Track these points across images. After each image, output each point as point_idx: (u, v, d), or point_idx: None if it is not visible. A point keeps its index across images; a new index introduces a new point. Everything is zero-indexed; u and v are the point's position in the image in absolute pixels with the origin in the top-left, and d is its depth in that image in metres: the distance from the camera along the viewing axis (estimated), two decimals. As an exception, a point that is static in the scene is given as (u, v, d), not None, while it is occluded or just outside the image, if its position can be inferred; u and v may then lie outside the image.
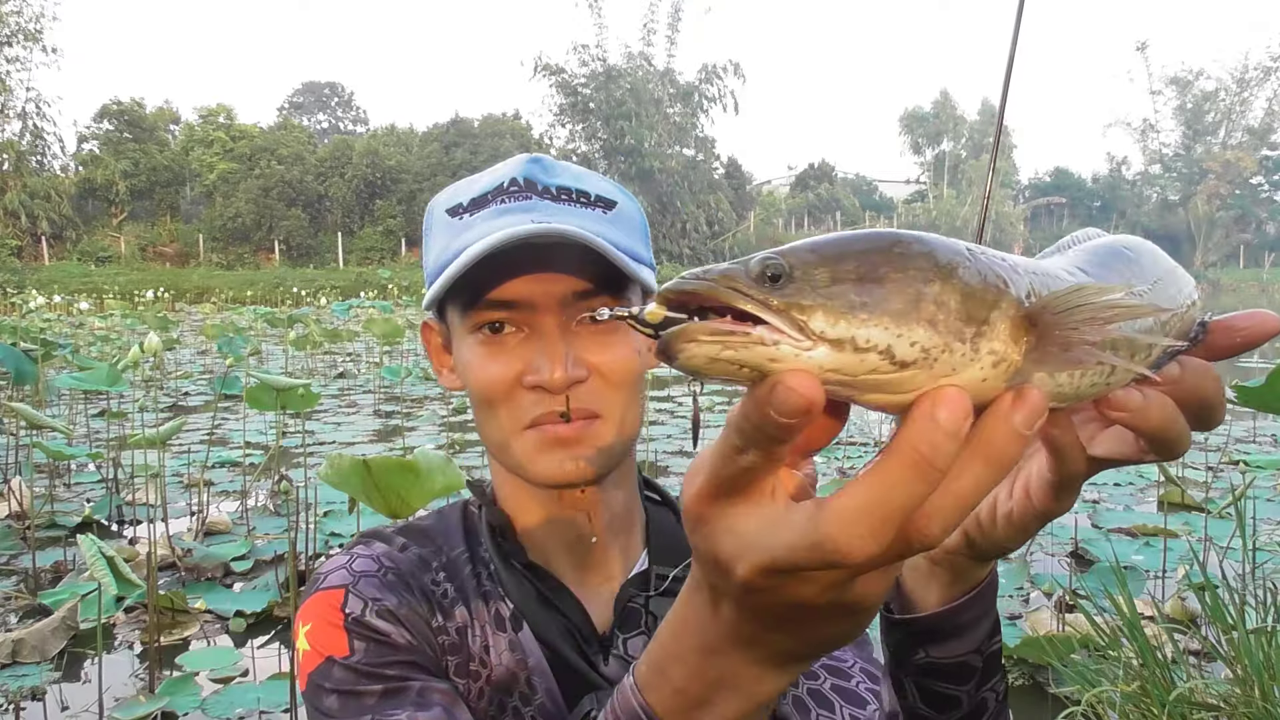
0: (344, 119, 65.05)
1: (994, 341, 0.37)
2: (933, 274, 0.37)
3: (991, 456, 0.37)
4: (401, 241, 42.39)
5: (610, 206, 0.91)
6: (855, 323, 0.36)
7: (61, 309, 22.24)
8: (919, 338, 0.36)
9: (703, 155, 49.72)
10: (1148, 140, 64.78)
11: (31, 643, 3.31)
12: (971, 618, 0.71)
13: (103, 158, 39.74)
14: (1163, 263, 0.53)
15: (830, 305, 0.36)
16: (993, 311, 0.37)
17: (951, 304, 0.37)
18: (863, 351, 0.36)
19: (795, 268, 0.37)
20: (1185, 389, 0.47)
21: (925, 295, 0.36)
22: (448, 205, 0.92)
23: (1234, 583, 2.70)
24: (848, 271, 0.37)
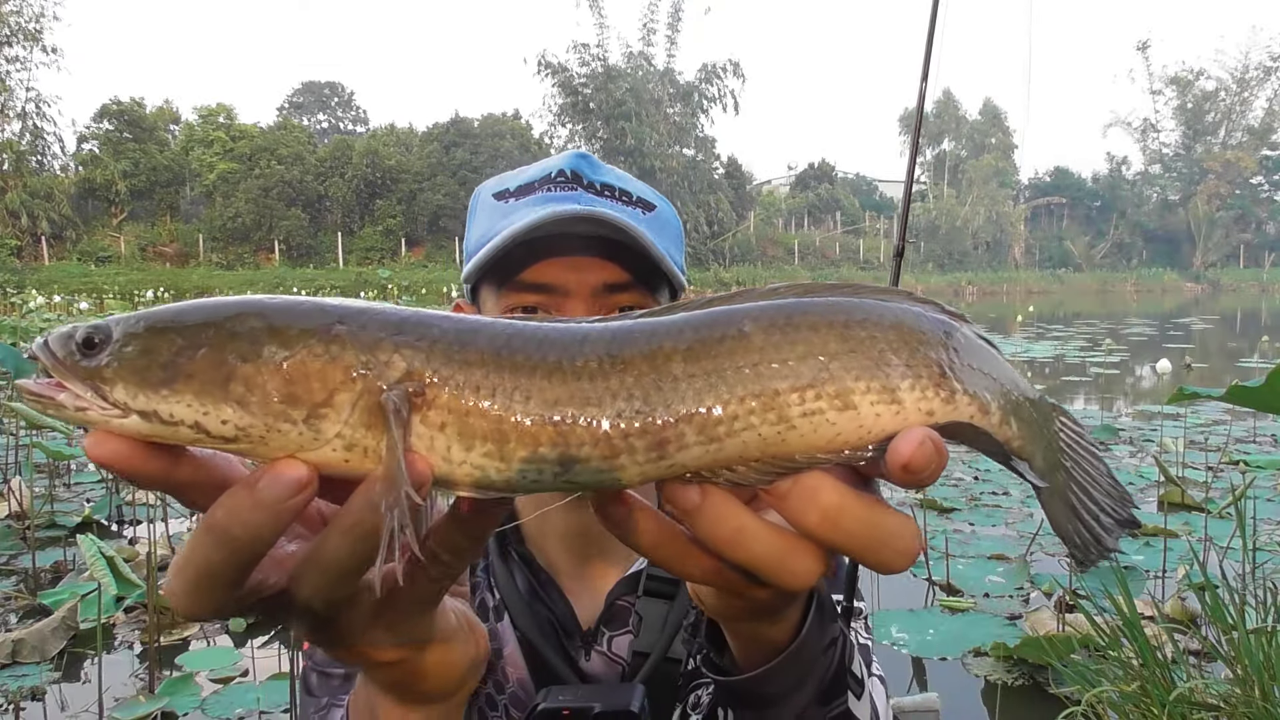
0: (344, 119, 65.04)
1: (340, 425, 0.36)
2: (250, 353, 0.36)
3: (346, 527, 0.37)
4: (401, 241, 42.38)
5: (650, 209, 0.94)
6: (157, 398, 0.36)
7: (61, 309, 22.23)
8: (229, 417, 0.36)
9: (703, 155, 49.69)
10: (1148, 140, 64.78)
11: (31, 643, 3.31)
12: (778, 688, 0.61)
13: (103, 158, 39.72)
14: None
15: (130, 379, 0.36)
16: (336, 395, 0.36)
17: (268, 386, 0.36)
18: (172, 425, 0.36)
19: (112, 339, 0.37)
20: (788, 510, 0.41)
21: (235, 375, 0.36)
22: (494, 190, 0.94)
23: (1234, 583, 2.70)
24: (163, 345, 0.36)
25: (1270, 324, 23.47)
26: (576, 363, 0.38)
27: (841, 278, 23.42)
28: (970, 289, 49.27)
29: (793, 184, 59.86)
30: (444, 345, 0.38)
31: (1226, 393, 2.36)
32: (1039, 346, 16.10)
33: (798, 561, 0.42)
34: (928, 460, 0.39)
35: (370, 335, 0.37)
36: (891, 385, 0.40)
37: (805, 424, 0.39)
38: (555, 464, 0.38)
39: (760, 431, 0.39)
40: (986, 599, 3.85)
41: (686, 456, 0.39)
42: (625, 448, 0.38)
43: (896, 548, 0.43)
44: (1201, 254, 59.74)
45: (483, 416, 0.37)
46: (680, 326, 0.40)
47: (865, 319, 0.41)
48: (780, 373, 0.39)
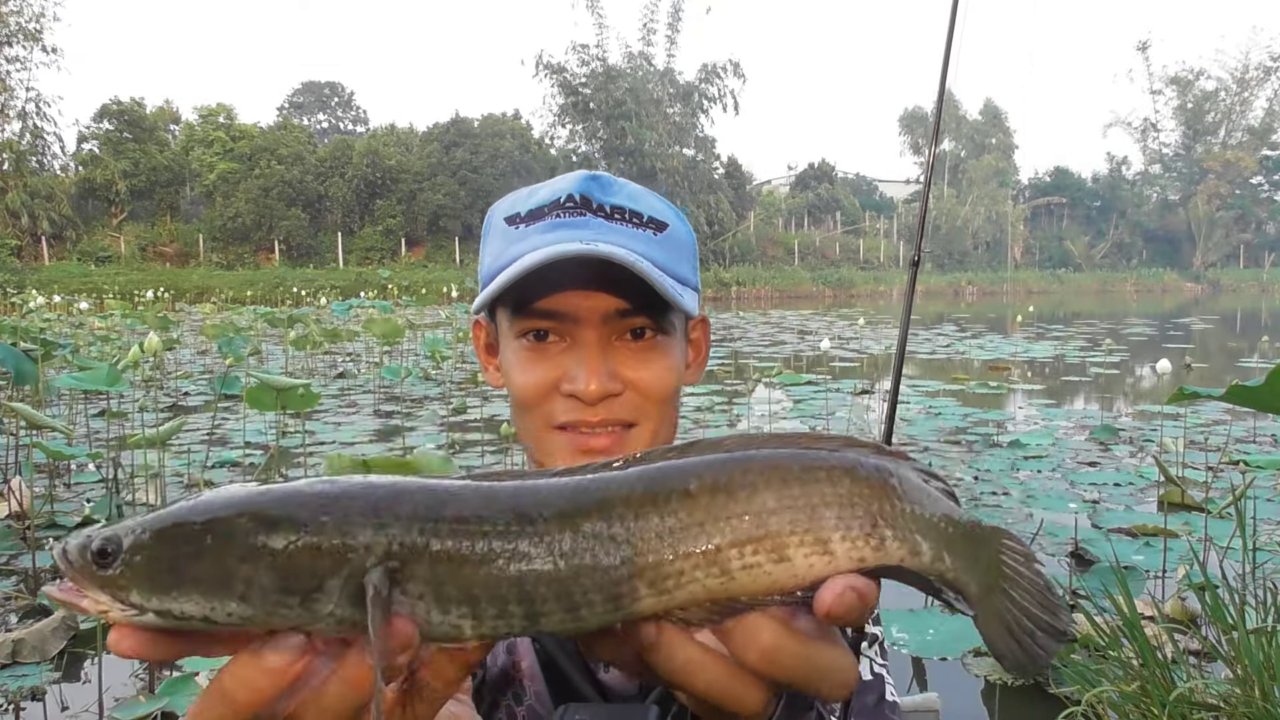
0: (344, 119, 65.03)
1: (331, 606, 0.41)
2: (244, 553, 0.40)
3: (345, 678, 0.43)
4: (401, 241, 42.38)
5: (661, 228, 0.93)
6: (168, 599, 0.40)
7: (61, 309, 22.22)
8: (233, 610, 0.40)
9: (703, 155, 49.69)
10: (1148, 140, 64.78)
11: (31, 643, 3.31)
12: None
13: (103, 158, 39.72)
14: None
15: (143, 585, 0.41)
16: (326, 581, 0.40)
17: (264, 580, 0.40)
18: (184, 620, 0.41)
19: (123, 550, 0.41)
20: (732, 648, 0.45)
21: (233, 574, 0.40)
22: (507, 214, 0.95)
23: (1234, 583, 2.70)
24: (165, 552, 0.41)
25: (1270, 324, 23.47)
26: (534, 526, 0.42)
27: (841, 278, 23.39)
28: (970, 289, 49.27)
29: (793, 184, 59.85)
30: (417, 523, 0.42)
31: (1226, 393, 2.36)
32: (1039, 346, 16.10)
33: (743, 692, 0.46)
34: (848, 608, 0.43)
35: (351, 522, 0.41)
36: (824, 537, 0.44)
37: (744, 575, 0.44)
38: (523, 619, 0.42)
39: (705, 584, 0.44)
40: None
41: (640, 606, 0.43)
42: (584, 602, 0.43)
43: (833, 680, 0.47)
44: (1201, 254, 59.74)
45: (454, 584, 0.41)
46: (632, 484, 0.44)
47: (801, 475, 0.45)
48: (722, 530, 0.43)
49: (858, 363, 13.78)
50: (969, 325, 22.23)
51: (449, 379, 11.40)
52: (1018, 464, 6.36)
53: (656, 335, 0.89)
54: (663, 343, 0.90)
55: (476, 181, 42.64)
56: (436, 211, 42.49)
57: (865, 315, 22.81)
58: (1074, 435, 7.62)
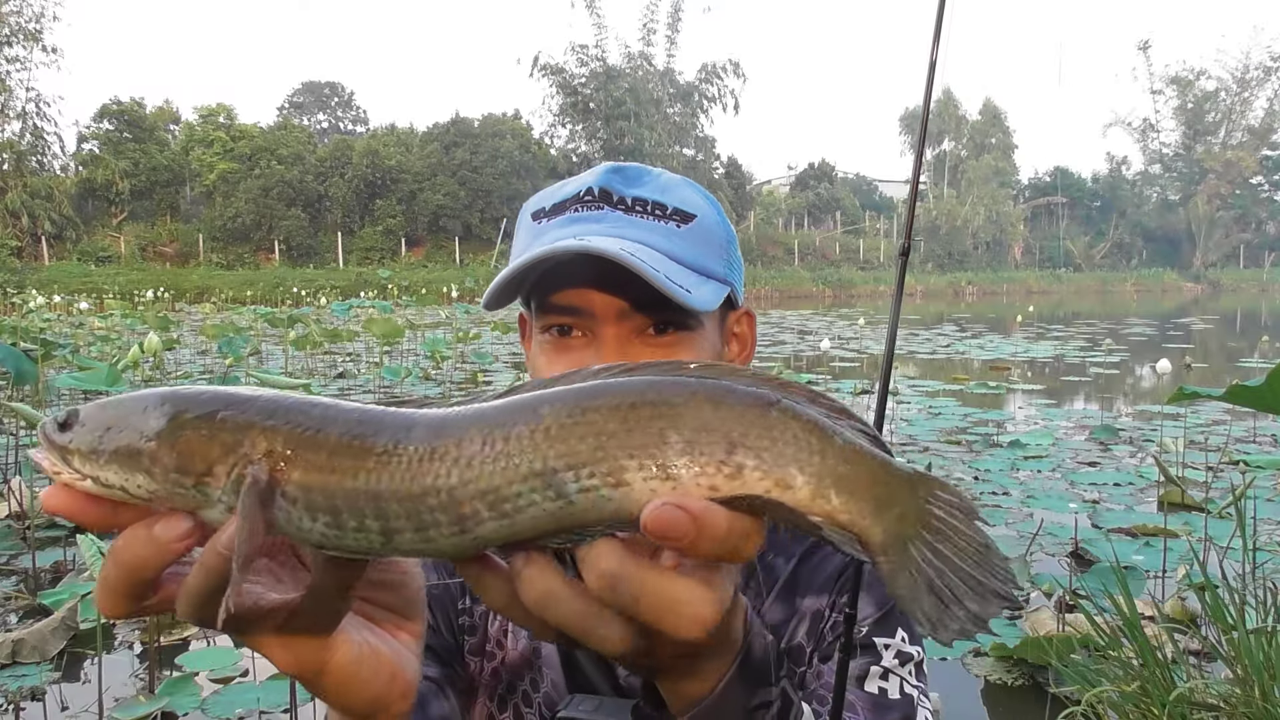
0: (344, 119, 65.01)
1: (218, 491, 0.45)
2: (153, 433, 0.45)
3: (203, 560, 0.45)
4: (401, 241, 42.38)
5: (687, 219, 0.92)
6: (97, 466, 0.46)
7: (61, 309, 22.22)
8: (142, 483, 0.46)
9: (703, 155, 49.71)
10: (1148, 140, 64.77)
11: (31, 643, 3.31)
12: None
13: (103, 157, 39.71)
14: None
15: (82, 451, 0.46)
16: (215, 466, 0.45)
17: (165, 460, 0.45)
18: (110, 487, 0.46)
19: (78, 420, 0.47)
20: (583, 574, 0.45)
21: (142, 450, 0.45)
22: (534, 209, 0.95)
23: (1234, 583, 2.70)
24: (104, 425, 0.47)
25: (1270, 324, 23.46)
26: (401, 447, 0.44)
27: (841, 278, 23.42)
28: (970, 289, 49.27)
29: (793, 184, 59.85)
30: (300, 431, 0.45)
31: (1226, 393, 2.36)
32: (1039, 346, 16.10)
33: (599, 626, 0.45)
34: (670, 526, 0.41)
35: (246, 419, 0.45)
36: (666, 462, 0.43)
37: (583, 499, 0.43)
38: (379, 535, 0.44)
39: (544, 507, 0.43)
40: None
41: (485, 530, 0.44)
42: (432, 522, 0.43)
43: (684, 614, 0.45)
44: (1201, 254, 59.74)
45: (324, 494, 0.44)
46: (496, 411, 0.45)
47: (655, 398, 0.44)
48: (559, 451, 0.43)
49: (858, 363, 13.79)
50: (969, 325, 22.23)
51: (449, 379, 11.41)
52: (1018, 464, 6.36)
53: (680, 331, 0.88)
54: (686, 338, 0.89)
55: (476, 181, 42.63)
56: (436, 211, 42.48)
57: (865, 315, 22.80)
58: (1074, 435, 7.62)
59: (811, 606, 0.94)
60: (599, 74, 46.56)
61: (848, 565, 0.96)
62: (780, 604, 0.95)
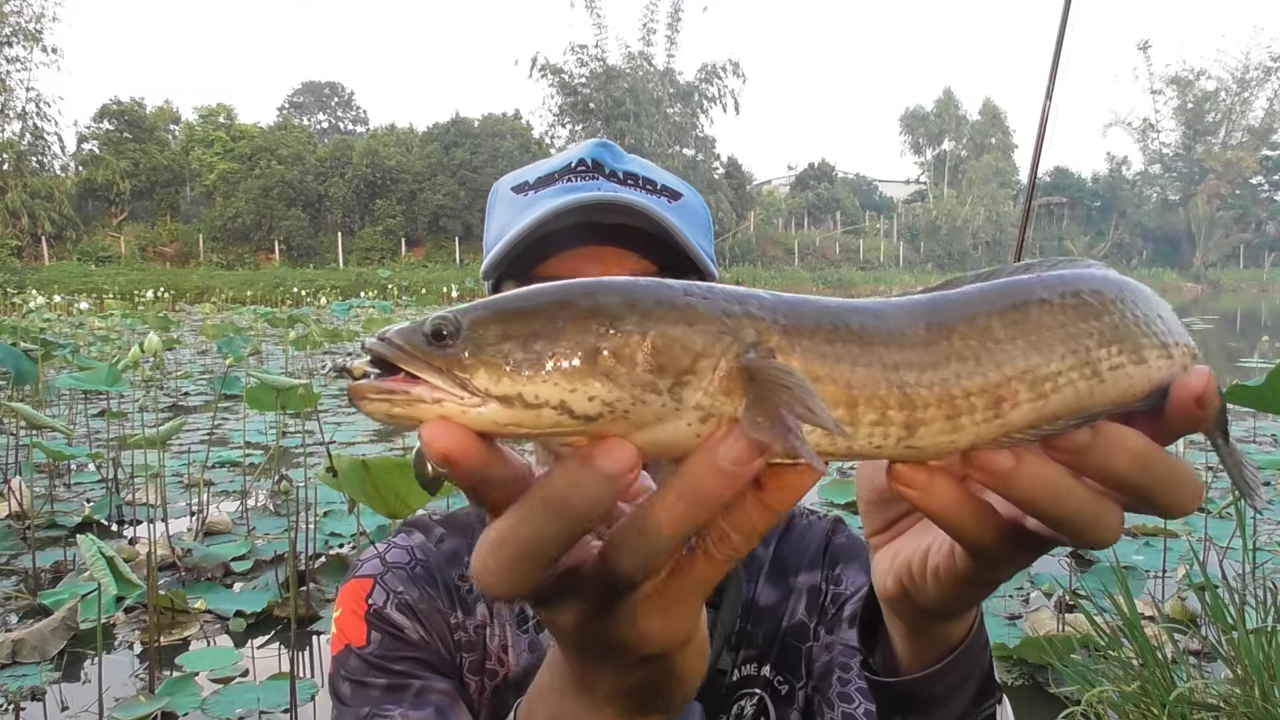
0: (344, 119, 65.01)
1: (699, 394, 0.36)
2: (612, 326, 0.36)
3: (687, 491, 0.36)
4: (401, 241, 42.38)
5: (676, 197, 0.92)
6: (521, 380, 0.35)
7: (61, 309, 22.23)
8: (597, 392, 0.35)
9: (703, 155, 49.72)
10: (1148, 140, 64.76)
11: (31, 643, 3.31)
12: (946, 688, 0.62)
13: (103, 157, 39.71)
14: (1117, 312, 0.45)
15: (493, 363, 0.35)
16: (698, 362, 0.36)
17: (637, 356, 0.36)
18: (535, 408, 0.35)
19: (465, 326, 0.36)
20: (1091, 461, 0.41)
21: (602, 348, 0.35)
22: (513, 184, 0.93)
23: (1234, 583, 2.69)
24: (519, 327, 0.36)
25: (1270, 324, 23.46)
26: (910, 329, 0.40)
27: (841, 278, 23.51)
28: (970, 289, 49.18)
29: (793, 184, 59.85)
30: (784, 313, 0.38)
31: (1226, 393, 2.36)
32: (1039, 346, 16.08)
33: (1108, 513, 0.43)
34: (1213, 393, 0.43)
35: (718, 304, 0.37)
36: (1165, 341, 0.45)
37: (1111, 377, 0.43)
38: (901, 427, 0.39)
39: (1078, 386, 0.42)
40: (986, 599, 3.84)
41: (1018, 415, 0.40)
42: (966, 407, 0.39)
43: (1189, 487, 0.44)
44: (1201, 254, 59.74)
45: (832, 381, 0.37)
46: (985, 295, 0.43)
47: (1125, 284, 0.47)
48: (1088, 331, 0.43)
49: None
50: (969, 325, 22.19)
51: (449, 379, 11.39)
52: (1018, 464, 6.34)
53: None
54: None
55: (476, 181, 42.62)
56: (436, 211, 42.48)
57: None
58: (1074, 435, 7.62)
59: (806, 582, 0.97)
60: (599, 74, 46.57)
61: (828, 539, 1.00)
62: (773, 586, 0.97)
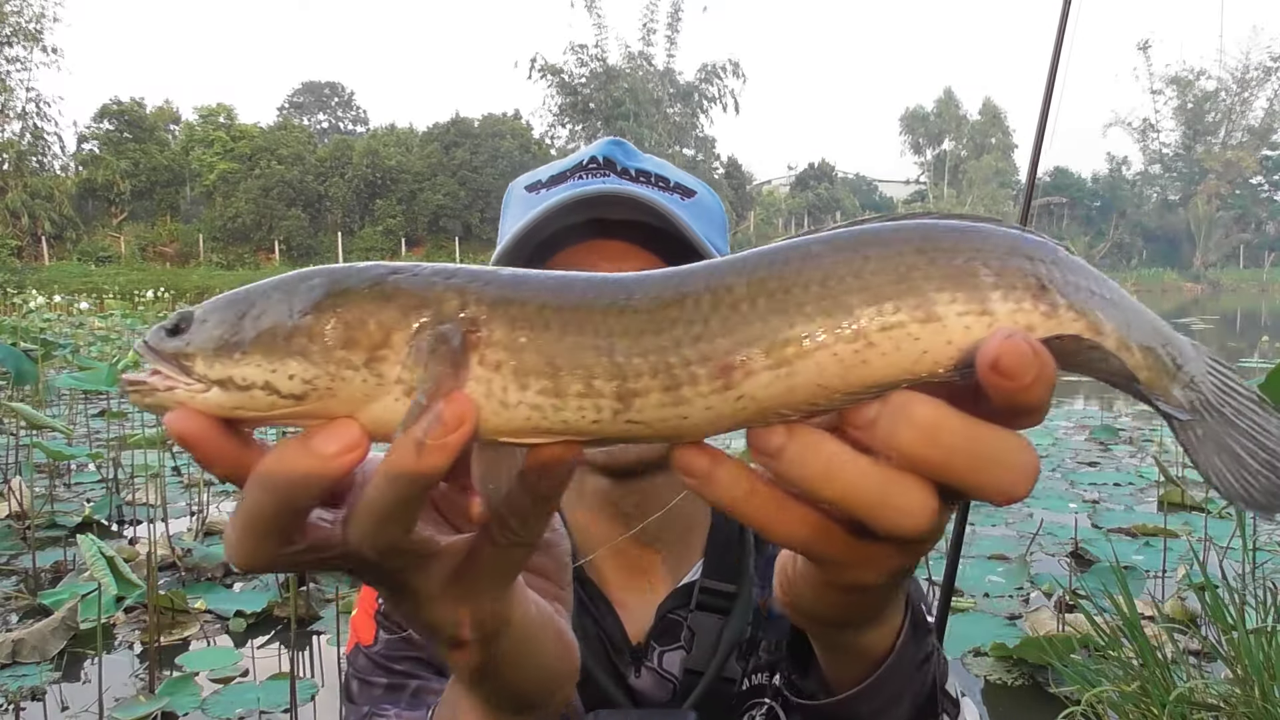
0: (344, 119, 65.04)
1: (397, 368, 0.36)
2: (308, 306, 0.37)
3: (391, 468, 0.36)
4: (401, 241, 42.39)
5: (689, 195, 0.91)
6: (230, 363, 0.36)
7: (61, 309, 22.22)
8: (295, 371, 0.36)
9: (703, 155, 49.74)
10: (1148, 140, 64.77)
11: (31, 643, 3.31)
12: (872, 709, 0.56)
13: (104, 157, 39.73)
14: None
15: (206, 349, 0.37)
16: (391, 335, 0.36)
17: (327, 333, 0.36)
18: (246, 389, 0.36)
19: (194, 318, 0.38)
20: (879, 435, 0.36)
21: (295, 328, 0.36)
22: (527, 182, 0.94)
23: (1234, 583, 2.69)
24: (231, 314, 0.37)
25: (1270, 324, 23.46)
26: (633, 298, 0.36)
27: (841, 278, 23.57)
28: (970, 289, 49.25)
29: (793, 184, 59.89)
30: (497, 284, 0.37)
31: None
32: (1039, 346, 16.09)
33: (901, 493, 0.36)
34: (1021, 358, 0.34)
35: (424, 279, 0.37)
36: (981, 295, 0.36)
37: (885, 340, 0.35)
38: (614, 399, 0.35)
39: (835, 350, 0.35)
40: (986, 599, 3.85)
41: (755, 385, 0.35)
42: (686, 377, 0.35)
43: (1008, 463, 0.36)
44: (1201, 254, 59.74)
45: (536, 350, 0.36)
46: (743, 259, 0.38)
47: (948, 232, 0.38)
48: (853, 285, 0.35)
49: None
50: (969, 325, 22.20)
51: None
52: (1018, 464, 6.35)
53: None
54: None
55: (476, 181, 42.65)
56: (436, 211, 42.50)
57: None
58: (1074, 435, 7.62)
59: None
60: (599, 74, 46.58)
61: None
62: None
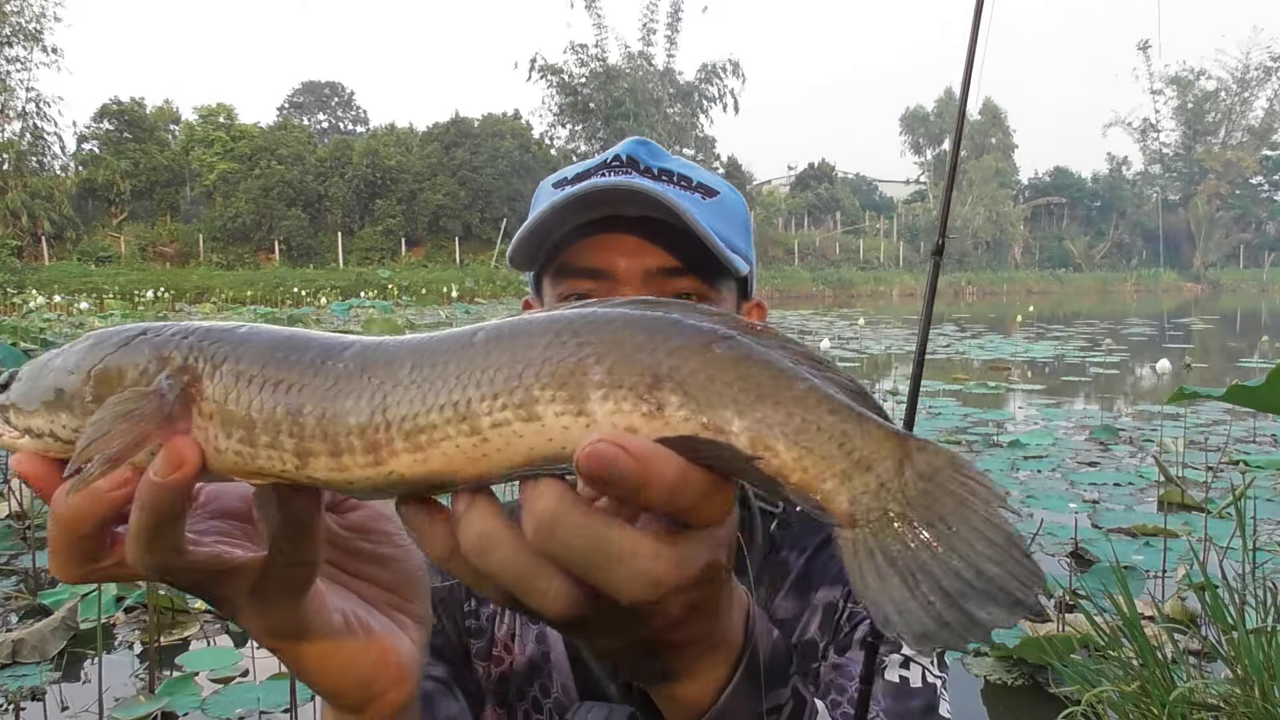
0: (344, 119, 64.99)
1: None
2: (74, 366, 0.44)
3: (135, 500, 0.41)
4: (401, 241, 42.36)
5: (711, 194, 0.91)
6: (28, 416, 0.44)
7: (62, 309, 22.23)
8: (65, 422, 0.43)
9: (703, 155, 49.67)
10: (1148, 140, 64.75)
11: (31, 643, 3.31)
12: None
13: (103, 157, 39.71)
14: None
15: (16, 404, 0.45)
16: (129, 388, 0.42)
17: (84, 390, 0.43)
18: (40, 437, 0.44)
19: (16, 377, 0.46)
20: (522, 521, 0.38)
21: (64, 386, 0.43)
22: (555, 179, 0.95)
23: (1234, 583, 2.69)
24: (33, 373, 0.45)
25: (1270, 324, 23.46)
26: (329, 364, 0.41)
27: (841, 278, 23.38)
28: (970, 289, 49.26)
29: (793, 184, 59.85)
30: (220, 344, 0.42)
31: (1226, 393, 2.36)
32: (1039, 346, 16.10)
33: (541, 579, 0.38)
34: (604, 464, 0.35)
35: (163, 339, 0.43)
36: (581, 394, 0.37)
37: (496, 435, 0.38)
38: (293, 455, 0.40)
39: (458, 442, 0.38)
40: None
41: (399, 464, 0.39)
42: (346, 447, 0.39)
43: (631, 568, 0.38)
44: (1201, 254, 59.72)
45: (238, 405, 0.41)
46: (439, 338, 0.41)
47: (590, 324, 0.38)
48: (476, 380, 0.38)
49: (858, 362, 13.79)
50: (969, 325, 22.23)
51: (449, 379, 11.40)
52: (1018, 464, 6.36)
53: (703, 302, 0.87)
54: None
55: (476, 181, 42.62)
56: (436, 211, 42.47)
57: (865, 315, 22.80)
58: (1074, 435, 7.62)
59: (824, 599, 0.92)
60: (599, 74, 46.55)
61: None
62: (793, 599, 0.93)
